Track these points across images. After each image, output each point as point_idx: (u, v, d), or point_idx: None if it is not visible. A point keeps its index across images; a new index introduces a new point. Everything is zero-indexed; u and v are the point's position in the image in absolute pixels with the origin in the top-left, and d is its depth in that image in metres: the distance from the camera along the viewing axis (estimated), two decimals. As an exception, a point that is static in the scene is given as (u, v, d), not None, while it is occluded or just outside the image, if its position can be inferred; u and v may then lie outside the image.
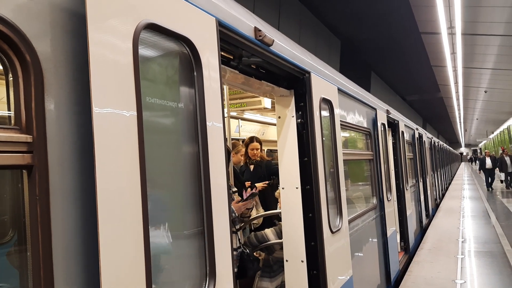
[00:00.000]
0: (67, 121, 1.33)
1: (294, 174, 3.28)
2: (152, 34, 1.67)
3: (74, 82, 1.36)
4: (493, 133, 59.84)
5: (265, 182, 5.20)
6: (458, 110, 36.12)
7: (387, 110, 7.10)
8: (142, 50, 1.58)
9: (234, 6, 2.55)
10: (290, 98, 3.36)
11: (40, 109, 1.23)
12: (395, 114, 8.13)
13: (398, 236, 7.55)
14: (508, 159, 21.15)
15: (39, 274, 1.19)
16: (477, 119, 46.62)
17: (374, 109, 6.08)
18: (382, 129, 6.34)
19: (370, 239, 5.28)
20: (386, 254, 5.94)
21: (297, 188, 3.26)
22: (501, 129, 52.79)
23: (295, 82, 3.34)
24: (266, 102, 6.26)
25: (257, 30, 2.57)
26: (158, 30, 1.66)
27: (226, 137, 4.37)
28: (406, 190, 8.02)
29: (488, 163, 22.07)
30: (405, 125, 9.01)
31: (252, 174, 5.48)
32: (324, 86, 3.68)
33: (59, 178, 1.27)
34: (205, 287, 1.83)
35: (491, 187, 21.51)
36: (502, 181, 22.32)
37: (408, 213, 7.99)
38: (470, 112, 40.36)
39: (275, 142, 3.49)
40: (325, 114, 3.68)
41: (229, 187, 2.07)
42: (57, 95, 1.30)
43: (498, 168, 21.65)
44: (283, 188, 3.35)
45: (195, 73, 1.89)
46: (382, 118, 6.40)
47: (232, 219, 3.37)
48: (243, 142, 5.89)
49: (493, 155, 23.40)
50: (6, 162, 1.16)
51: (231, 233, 2.03)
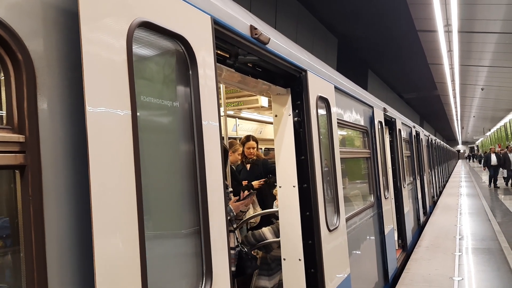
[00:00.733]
0: (60, 120, 1.32)
1: (291, 173, 3.27)
2: (146, 32, 1.65)
3: (67, 81, 1.35)
4: (490, 130, 60.06)
5: (261, 180, 5.20)
6: (455, 107, 36.22)
7: (384, 108, 7.10)
8: (136, 49, 1.57)
9: (230, 4, 2.54)
10: (287, 97, 3.35)
11: (32, 108, 1.22)
12: (392, 112, 8.13)
13: (396, 233, 7.56)
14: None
15: (33, 275, 1.18)
16: (474, 117, 46.78)
17: (371, 107, 6.08)
18: (379, 127, 6.34)
19: (368, 237, 5.28)
20: (383, 252, 5.95)
21: (294, 186, 3.25)
22: (497, 126, 53.01)
23: (292, 81, 3.33)
24: (263, 101, 6.26)
25: (253, 28, 2.56)
26: (153, 28, 1.65)
27: (223, 136, 4.36)
28: (404, 188, 8.04)
29: (493, 160, 21.36)
30: (402, 123, 9.02)
31: (249, 173, 5.47)
32: (320, 84, 3.68)
33: (52, 178, 1.26)
34: (201, 287, 1.82)
35: (496, 185, 20.98)
36: (504, 178, 21.97)
37: (405, 210, 8.00)
38: (467, 109, 40.49)
39: (273, 140, 3.49)
40: (322, 112, 3.67)
41: (225, 186, 2.06)
42: (49, 94, 1.29)
43: (501, 165, 21.33)
44: (280, 186, 3.35)
45: (190, 71, 1.88)
46: (379, 116, 6.40)
47: (229, 218, 3.37)
48: (240, 141, 5.88)
49: (498, 152, 22.87)
50: None
51: (228, 232, 2.02)
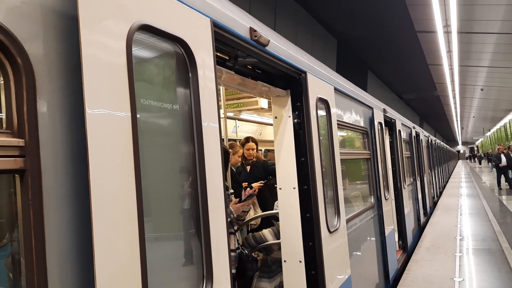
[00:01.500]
0: (60, 124, 1.32)
1: (291, 174, 3.27)
2: (146, 35, 1.65)
3: (66, 85, 1.35)
4: (489, 131, 60.08)
5: (261, 182, 5.19)
6: (455, 108, 36.24)
7: (384, 109, 7.10)
8: (136, 52, 1.57)
9: (229, 6, 2.54)
10: (287, 98, 3.35)
11: (32, 112, 1.22)
12: (392, 113, 8.13)
13: (396, 234, 7.55)
14: None
15: (33, 279, 1.17)
16: (473, 117, 46.80)
17: (371, 108, 6.09)
18: (379, 128, 6.34)
19: (368, 238, 5.28)
20: (384, 253, 5.94)
21: (294, 188, 3.25)
22: (497, 126, 53.02)
23: (292, 82, 3.34)
24: (263, 103, 6.26)
25: (252, 30, 2.56)
26: (152, 31, 1.65)
27: (223, 137, 4.36)
28: (404, 188, 8.03)
29: (503, 161, 20.38)
30: (402, 123, 9.03)
31: (249, 175, 5.47)
32: (320, 85, 3.68)
33: (52, 182, 1.26)
34: (202, 289, 1.81)
35: (500, 186, 20.38)
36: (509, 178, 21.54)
37: (406, 211, 8.00)
38: (466, 110, 40.51)
39: (272, 141, 3.49)
40: (321, 113, 3.67)
41: (225, 188, 2.06)
42: (49, 98, 1.29)
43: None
44: (281, 188, 3.34)
45: (190, 74, 1.88)
46: (379, 117, 6.40)
47: (230, 220, 3.37)
48: (239, 142, 5.88)
49: (507, 151, 22.14)
50: None
51: (228, 234, 2.02)
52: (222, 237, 1.95)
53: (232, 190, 4.00)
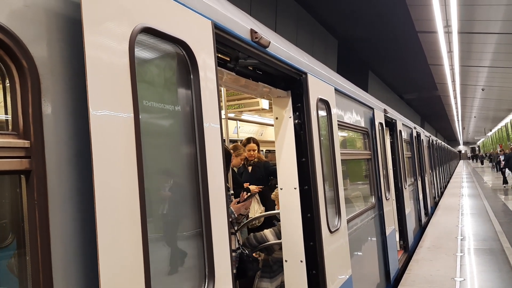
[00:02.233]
0: (64, 125, 1.34)
1: (292, 175, 3.29)
2: (148, 37, 1.67)
3: (70, 87, 1.37)
4: (491, 130, 60.00)
5: (259, 186, 5.20)
6: (456, 108, 36.21)
7: (385, 110, 7.11)
8: (138, 54, 1.59)
9: (230, 8, 2.56)
10: (287, 99, 3.37)
11: (37, 114, 1.24)
12: (393, 113, 8.14)
13: (397, 234, 7.56)
14: None
15: (38, 278, 1.19)
16: (475, 117, 46.74)
17: (372, 108, 6.10)
18: (380, 128, 6.35)
19: (369, 238, 5.29)
20: (385, 253, 5.95)
21: (295, 188, 3.27)
22: (499, 126, 52.95)
23: (292, 83, 3.35)
24: (264, 103, 6.27)
25: (253, 32, 2.58)
26: (154, 34, 1.67)
27: (224, 138, 4.37)
28: (405, 188, 8.04)
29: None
30: (402, 124, 9.03)
31: (250, 175, 5.49)
32: (321, 86, 3.70)
33: (57, 182, 1.28)
34: (204, 288, 1.83)
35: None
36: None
37: (407, 211, 8.01)
38: (468, 110, 40.47)
39: (273, 142, 3.50)
40: (322, 114, 3.69)
41: (227, 188, 2.08)
42: (54, 100, 1.31)
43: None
44: (282, 188, 3.36)
45: (192, 75, 1.90)
46: (379, 118, 6.41)
47: (230, 221, 3.38)
48: (241, 143, 5.90)
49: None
50: (4, 168, 1.16)
51: (230, 234, 2.04)
52: (223, 237, 1.97)
53: (232, 191, 4.01)
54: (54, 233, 1.24)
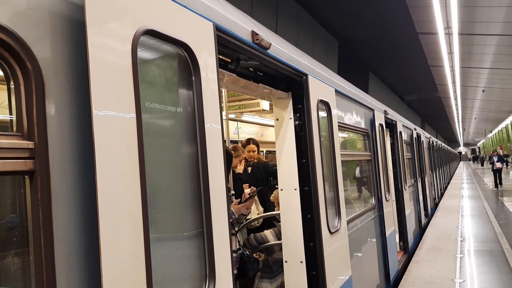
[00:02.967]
0: (68, 126, 1.35)
1: (293, 176, 3.30)
2: (150, 39, 1.69)
3: (74, 88, 1.38)
4: (491, 132, 60.00)
5: (252, 188, 5.18)
6: (456, 109, 36.21)
7: (385, 111, 7.12)
8: (141, 55, 1.61)
9: (232, 10, 2.58)
10: (288, 100, 3.38)
11: (41, 115, 1.25)
12: (393, 115, 8.16)
13: (397, 236, 7.57)
14: None
15: (42, 278, 1.21)
16: (475, 118, 46.75)
17: (372, 110, 6.11)
18: (380, 129, 6.36)
19: (369, 239, 5.30)
20: (385, 254, 5.96)
21: (295, 189, 3.28)
22: (499, 128, 52.95)
23: (293, 84, 3.37)
24: (264, 104, 6.30)
25: (254, 33, 2.60)
26: (157, 35, 1.69)
27: (225, 139, 4.38)
28: (405, 190, 8.05)
29: None
30: (403, 125, 9.04)
31: (250, 176, 5.50)
32: (321, 88, 3.71)
33: (61, 183, 1.29)
34: (205, 289, 1.85)
35: None
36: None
37: (407, 213, 8.01)
38: (468, 111, 40.47)
39: (274, 143, 3.52)
40: (322, 115, 3.70)
41: (228, 189, 2.09)
42: (57, 101, 1.32)
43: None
44: (282, 189, 3.37)
45: (193, 77, 1.91)
46: (380, 119, 6.42)
47: (231, 221, 3.39)
48: (240, 144, 5.91)
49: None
50: (8, 168, 1.18)
51: (230, 234, 2.05)
52: (224, 237, 1.98)
53: (233, 192, 4.03)
54: (58, 233, 1.26)
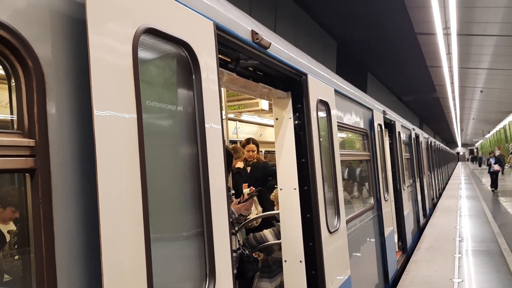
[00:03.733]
0: (69, 124, 1.35)
1: (292, 175, 3.30)
2: (151, 38, 1.69)
3: (75, 86, 1.38)
4: (489, 132, 60.14)
5: (252, 188, 5.18)
6: (455, 110, 36.25)
7: (384, 111, 7.14)
8: (141, 54, 1.61)
9: (232, 9, 2.58)
10: (287, 100, 3.38)
11: (42, 113, 1.25)
12: (392, 115, 8.17)
13: (396, 236, 7.58)
14: None
15: (43, 276, 1.21)
16: (473, 119, 46.81)
17: (371, 110, 6.12)
18: (379, 129, 6.37)
19: (368, 239, 5.31)
20: (384, 254, 5.97)
21: (295, 189, 3.28)
22: (497, 128, 53.08)
23: (292, 84, 3.37)
24: (264, 104, 6.29)
25: (254, 33, 2.60)
26: (157, 34, 1.69)
27: (224, 138, 4.38)
28: (403, 190, 8.06)
29: None
30: (401, 125, 9.06)
31: (249, 176, 5.50)
32: (320, 87, 3.71)
33: (62, 181, 1.29)
34: (205, 288, 1.85)
35: None
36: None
37: (405, 213, 8.03)
38: (466, 112, 40.52)
39: (273, 143, 3.52)
40: (322, 115, 3.71)
41: (228, 189, 2.09)
42: (58, 99, 1.32)
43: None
44: (281, 189, 3.37)
45: (194, 76, 1.91)
46: (378, 119, 6.43)
47: (231, 221, 3.39)
48: (240, 144, 5.91)
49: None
50: (9, 166, 1.18)
51: (231, 234, 2.05)
52: (224, 236, 1.99)
53: (233, 191, 4.02)
54: (58, 231, 1.26)
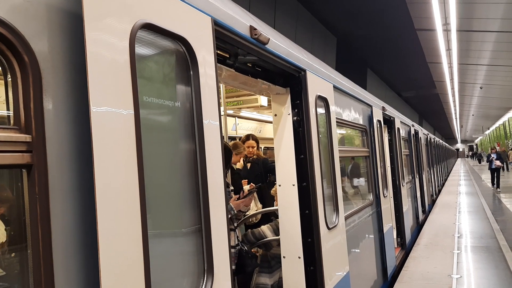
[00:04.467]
0: (66, 120, 1.35)
1: (291, 172, 3.30)
2: (148, 33, 1.68)
3: (72, 82, 1.38)
4: (488, 129, 60.16)
5: (251, 185, 5.19)
6: (454, 106, 36.26)
7: (383, 107, 7.13)
8: (138, 50, 1.60)
9: (230, 5, 2.56)
10: (286, 96, 3.38)
11: (38, 108, 1.24)
12: (391, 111, 8.16)
13: (395, 232, 7.60)
14: None
15: (40, 273, 1.20)
16: (473, 115, 46.83)
17: (370, 106, 6.11)
18: (378, 126, 6.37)
19: (367, 235, 5.32)
20: (382, 250, 5.98)
21: (293, 185, 3.28)
22: (496, 124, 53.09)
23: (291, 80, 3.36)
24: (263, 100, 6.29)
25: (252, 28, 2.59)
26: (154, 29, 1.68)
27: (223, 135, 4.37)
28: (402, 186, 8.07)
29: None
30: (401, 121, 9.06)
31: (248, 172, 5.50)
32: (319, 83, 3.71)
33: (58, 177, 1.29)
34: (203, 284, 1.85)
35: None
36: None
37: (404, 209, 8.04)
38: (466, 108, 40.53)
39: (272, 139, 3.51)
40: (321, 111, 3.70)
41: (226, 185, 2.09)
42: (55, 95, 1.32)
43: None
44: (280, 185, 3.37)
45: (191, 72, 1.91)
46: (378, 115, 6.43)
47: (230, 217, 3.40)
48: (240, 140, 5.90)
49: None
50: (5, 162, 1.17)
51: (229, 230, 2.05)
52: (222, 232, 1.98)
53: (232, 187, 4.02)
54: (55, 227, 1.25)
